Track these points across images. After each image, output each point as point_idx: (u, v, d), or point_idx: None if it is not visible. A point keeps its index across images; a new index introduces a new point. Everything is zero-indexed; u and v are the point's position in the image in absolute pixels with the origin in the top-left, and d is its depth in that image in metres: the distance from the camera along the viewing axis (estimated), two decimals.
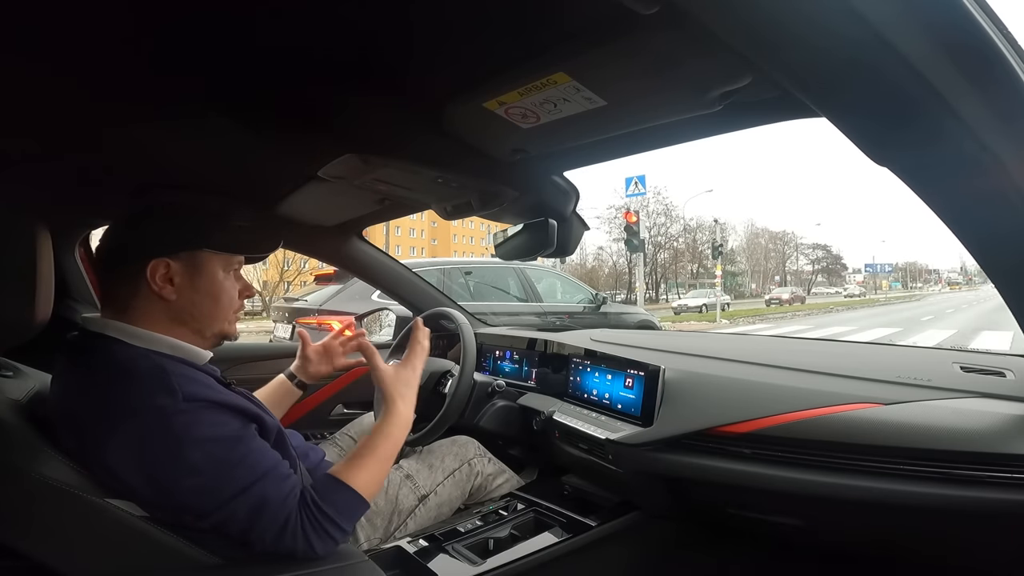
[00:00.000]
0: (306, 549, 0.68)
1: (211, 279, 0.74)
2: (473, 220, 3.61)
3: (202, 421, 0.64)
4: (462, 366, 1.26)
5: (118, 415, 0.62)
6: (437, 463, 1.20)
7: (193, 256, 0.73)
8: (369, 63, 0.67)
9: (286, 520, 0.67)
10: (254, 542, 0.66)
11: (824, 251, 47.97)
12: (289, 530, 0.67)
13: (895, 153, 0.54)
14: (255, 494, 0.66)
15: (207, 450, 0.64)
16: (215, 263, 0.75)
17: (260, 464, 0.68)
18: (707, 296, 22.55)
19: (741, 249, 42.37)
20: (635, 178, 14.01)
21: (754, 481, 0.92)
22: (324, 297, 3.38)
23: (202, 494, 0.64)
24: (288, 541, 0.67)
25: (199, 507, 0.64)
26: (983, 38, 0.42)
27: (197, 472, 0.63)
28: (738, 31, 0.44)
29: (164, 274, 0.71)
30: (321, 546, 0.69)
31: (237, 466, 0.65)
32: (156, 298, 0.71)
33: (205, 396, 0.66)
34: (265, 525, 0.66)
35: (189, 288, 0.73)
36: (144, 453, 0.62)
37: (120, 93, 0.72)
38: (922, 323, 12.82)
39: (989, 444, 0.74)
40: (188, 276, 0.72)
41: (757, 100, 0.67)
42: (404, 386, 0.85)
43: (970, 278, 61.99)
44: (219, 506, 0.64)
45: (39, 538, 0.59)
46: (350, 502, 0.73)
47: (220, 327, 0.77)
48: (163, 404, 0.63)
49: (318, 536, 0.69)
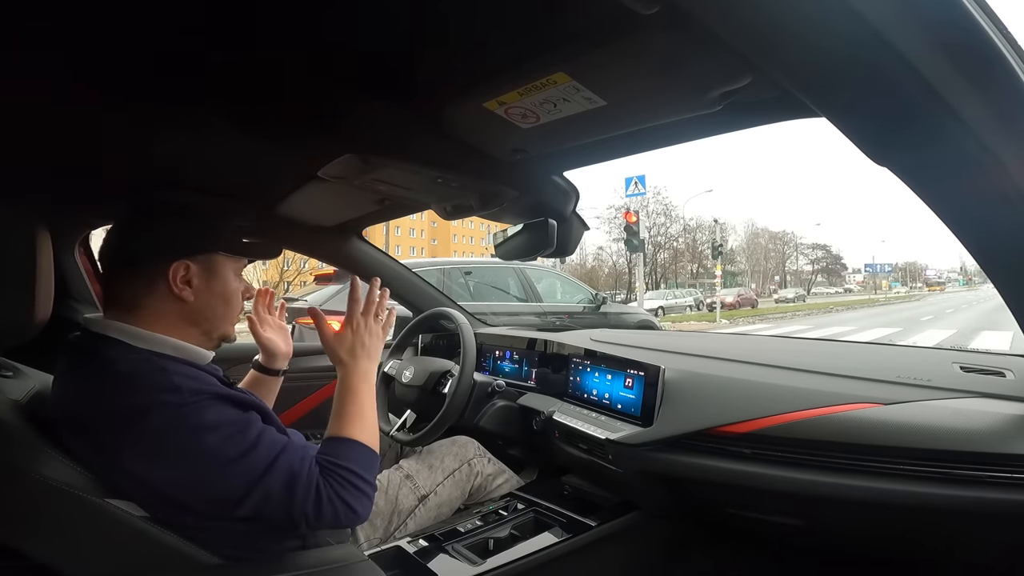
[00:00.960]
0: (347, 512, 0.68)
1: (224, 281, 0.76)
2: (473, 220, 3.60)
3: (210, 410, 0.65)
4: (462, 366, 1.26)
5: (129, 417, 0.62)
6: (437, 463, 1.20)
7: (209, 259, 0.74)
8: (369, 63, 0.67)
9: (317, 489, 0.67)
10: (298, 521, 0.66)
11: (824, 251, 48.03)
12: (324, 497, 0.67)
13: (895, 153, 0.54)
14: (282, 467, 0.66)
15: (223, 434, 0.64)
16: (228, 266, 0.76)
17: (277, 441, 0.68)
18: (665, 298, 21.52)
19: (741, 249, 42.39)
20: (635, 178, 14.01)
21: (754, 481, 0.92)
22: (324, 297, 3.38)
23: (231, 479, 0.63)
24: (328, 509, 0.67)
25: (232, 494, 0.63)
26: (983, 38, 0.42)
27: (220, 456, 0.63)
28: (738, 31, 0.44)
29: (184, 276, 0.72)
30: (359, 504, 0.70)
31: (257, 445, 0.66)
32: (173, 299, 0.71)
33: (208, 390, 0.66)
34: (303, 498, 0.66)
35: (205, 290, 0.74)
36: (162, 450, 0.62)
37: (120, 93, 0.72)
38: (922, 323, 12.82)
39: (989, 444, 0.74)
40: (205, 278, 0.74)
41: (757, 100, 0.67)
42: (344, 350, 0.82)
43: (970, 278, 59.42)
44: (251, 486, 0.64)
45: (39, 538, 0.60)
46: (363, 452, 0.74)
47: (226, 329, 0.78)
48: (170, 400, 0.63)
49: (351, 494, 0.69)
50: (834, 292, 43.98)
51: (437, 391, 1.32)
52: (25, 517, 0.59)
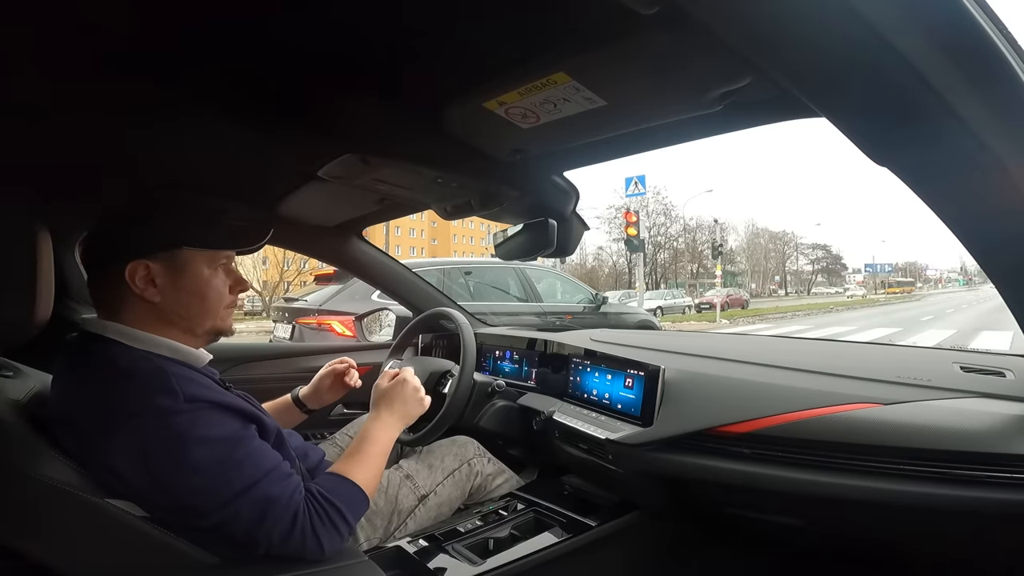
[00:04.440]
0: (314, 547, 0.68)
1: (195, 277, 0.72)
2: (473, 220, 3.60)
3: (203, 421, 0.65)
4: (462, 366, 1.26)
5: (120, 416, 0.62)
6: (437, 463, 1.20)
7: (173, 256, 0.71)
8: (369, 63, 0.67)
9: (294, 516, 0.67)
10: (259, 542, 0.66)
11: (824, 251, 48.01)
12: (298, 526, 0.67)
13: (895, 153, 0.54)
14: (260, 492, 0.66)
15: (209, 449, 0.64)
16: (198, 261, 0.72)
17: (262, 463, 0.68)
18: (663, 298, 20.58)
19: (741, 249, 42.32)
20: (635, 178, 14.02)
21: (754, 481, 0.92)
22: (324, 297, 3.37)
23: (205, 494, 0.64)
24: (297, 538, 0.67)
25: (201, 507, 0.64)
26: (983, 38, 0.42)
27: (199, 471, 0.63)
28: (738, 31, 0.44)
29: (145, 276, 0.69)
30: (328, 542, 0.69)
31: (240, 465, 0.66)
32: (140, 300, 0.70)
33: (205, 397, 0.66)
34: (272, 523, 0.66)
35: (172, 288, 0.71)
36: (147, 453, 0.62)
37: (120, 93, 0.72)
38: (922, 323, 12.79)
39: (989, 444, 0.74)
40: (170, 276, 0.71)
41: (757, 100, 0.67)
42: (387, 400, 0.93)
43: (970, 278, 57.79)
44: (222, 505, 0.64)
45: (39, 538, 0.60)
46: (354, 495, 0.75)
47: (211, 324, 0.75)
48: (164, 404, 0.63)
49: (326, 530, 0.69)
50: (834, 292, 43.74)
51: (437, 391, 1.32)
52: (25, 517, 0.59)
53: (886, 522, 0.87)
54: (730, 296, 24.01)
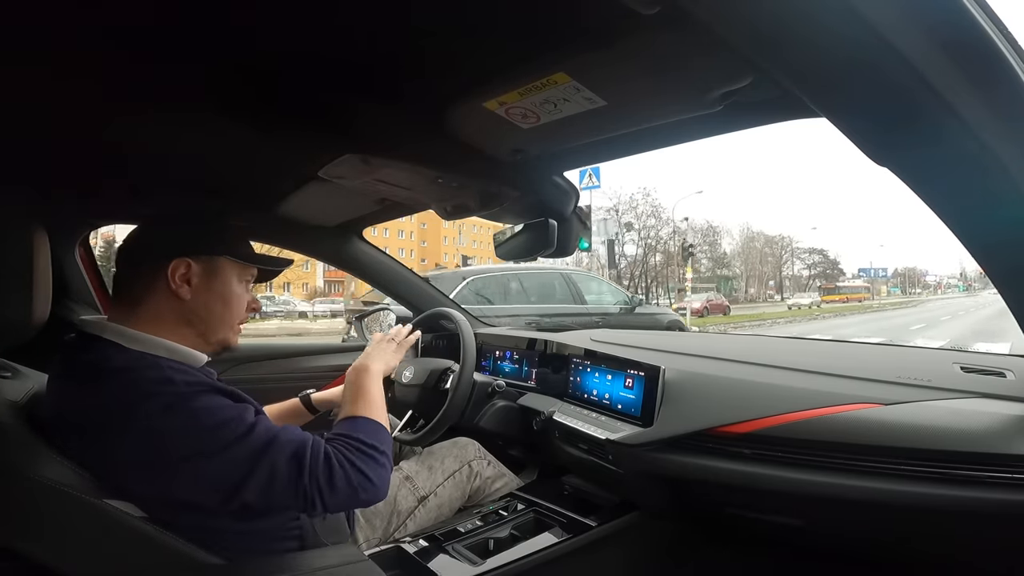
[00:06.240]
0: (362, 481, 0.69)
1: (225, 284, 0.77)
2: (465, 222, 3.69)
3: (205, 397, 0.65)
4: (462, 366, 1.26)
5: (125, 411, 0.62)
6: (437, 464, 1.19)
7: (212, 260, 0.76)
8: (370, 63, 0.67)
9: (327, 457, 0.68)
10: (312, 495, 0.66)
11: (821, 255, 47.78)
12: (335, 464, 0.68)
13: (895, 153, 0.54)
14: (284, 441, 0.67)
15: (220, 417, 0.64)
16: (231, 271, 0.78)
17: (272, 426, 0.69)
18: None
19: (736, 253, 41.90)
20: (589, 170, 13.43)
21: (754, 481, 0.92)
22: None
23: (234, 455, 0.63)
24: (340, 477, 0.68)
25: (236, 472, 0.63)
26: (983, 38, 0.42)
27: (219, 437, 0.63)
28: (739, 31, 0.44)
29: (184, 273, 0.73)
30: (373, 472, 0.71)
31: (255, 426, 0.66)
32: (170, 296, 0.72)
33: (204, 382, 0.67)
34: (311, 464, 0.66)
35: (204, 290, 0.75)
36: (164, 439, 0.62)
37: (121, 93, 0.72)
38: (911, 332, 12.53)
39: (989, 444, 0.74)
40: (205, 278, 0.75)
41: (758, 100, 0.67)
42: (362, 357, 0.95)
43: (970, 284, 55.25)
44: (256, 459, 0.64)
45: (39, 539, 0.59)
46: (369, 424, 0.77)
47: (224, 334, 0.78)
48: (164, 390, 0.63)
49: (363, 461, 0.70)
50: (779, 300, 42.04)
51: (439, 388, 1.32)
52: (25, 518, 0.59)
53: (886, 522, 0.87)
54: (710, 301, 22.30)
